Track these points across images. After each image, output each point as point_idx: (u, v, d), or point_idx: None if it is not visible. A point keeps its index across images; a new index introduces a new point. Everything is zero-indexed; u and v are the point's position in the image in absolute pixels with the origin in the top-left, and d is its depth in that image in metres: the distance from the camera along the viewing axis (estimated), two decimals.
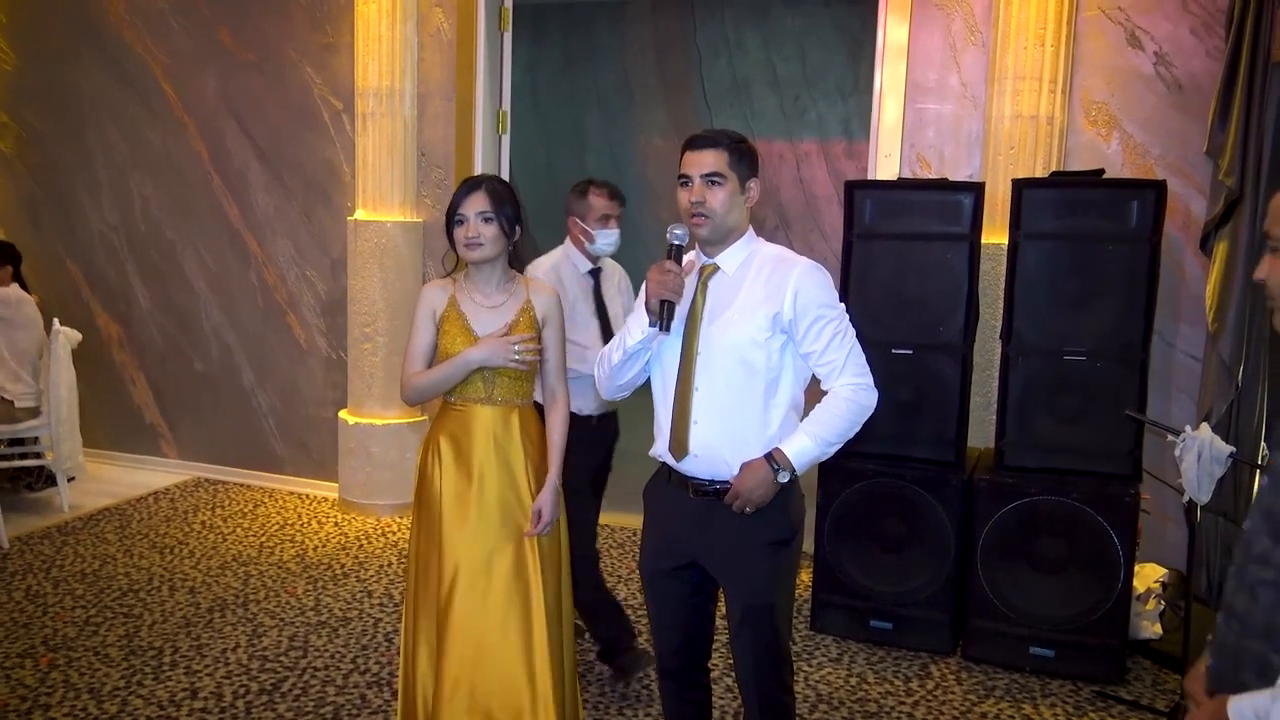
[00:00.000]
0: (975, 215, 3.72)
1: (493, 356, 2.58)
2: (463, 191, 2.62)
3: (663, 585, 2.47)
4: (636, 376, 2.44)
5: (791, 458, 2.24)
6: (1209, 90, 3.99)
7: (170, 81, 5.66)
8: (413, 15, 5.05)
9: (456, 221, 2.61)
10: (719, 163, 2.27)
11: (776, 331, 2.26)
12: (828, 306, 2.27)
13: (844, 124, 7.88)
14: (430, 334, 2.67)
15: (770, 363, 2.27)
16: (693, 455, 2.32)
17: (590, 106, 8.75)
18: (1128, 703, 3.45)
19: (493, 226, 2.59)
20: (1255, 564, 1.56)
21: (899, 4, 4.41)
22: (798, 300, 2.24)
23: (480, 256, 2.61)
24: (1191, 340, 4.16)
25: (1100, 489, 3.55)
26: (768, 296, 2.26)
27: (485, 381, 2.63)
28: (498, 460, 2.61)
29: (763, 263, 2.31)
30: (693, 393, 2.31)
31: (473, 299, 2.66)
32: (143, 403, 6.00)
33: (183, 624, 3.87)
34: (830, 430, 2.26)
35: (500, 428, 2.63)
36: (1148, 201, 3.54)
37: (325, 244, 5.46)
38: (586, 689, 3.43)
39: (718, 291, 2.32)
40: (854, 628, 3.89)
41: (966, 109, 4.38)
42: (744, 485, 2.25)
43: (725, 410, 2.28)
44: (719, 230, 2.30)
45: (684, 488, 2.37)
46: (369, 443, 5.17)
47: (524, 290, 2.70)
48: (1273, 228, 1.55)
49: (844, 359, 2.28)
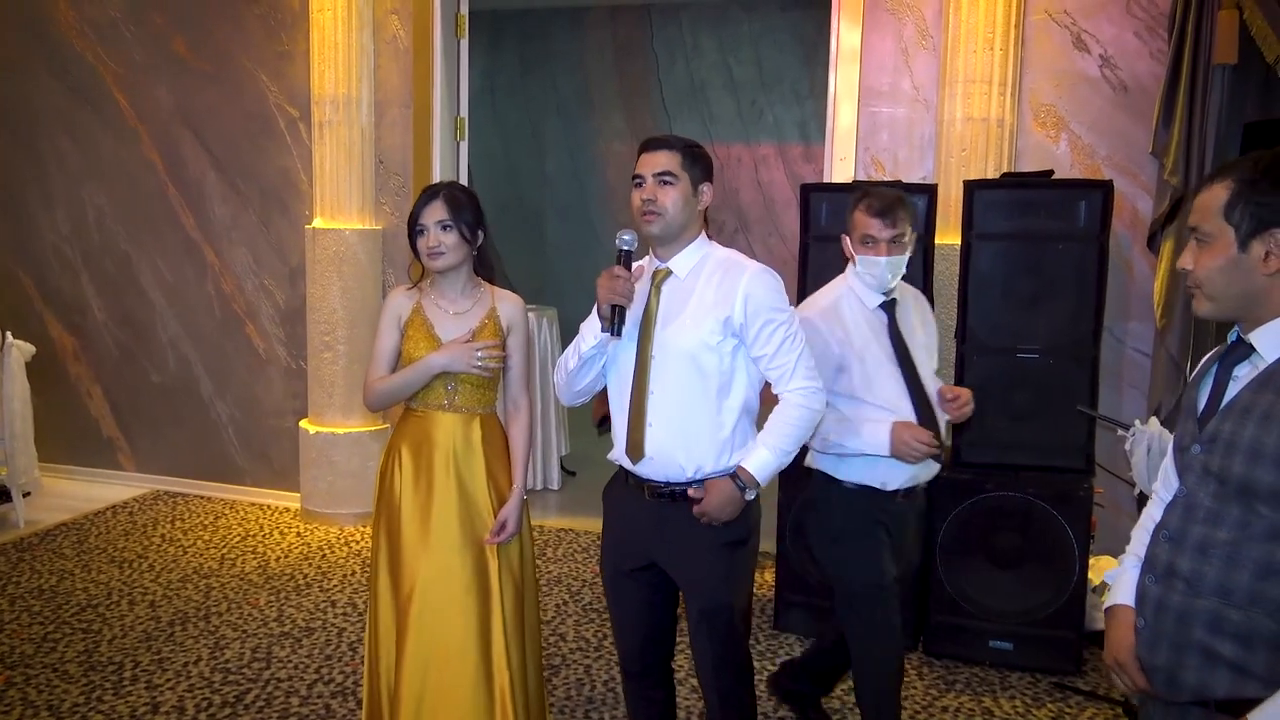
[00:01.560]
0: (929, 217, 3.78)
1: (455, 362, 2.59)
2: (422, 201, 2.62)
3: (623, 586, 2.49)
4: (594, 382, 2.46)
5: (755, 473, 2.28)
6: (1153, 92, 4.09)
7: (123, 91, 5.61)
8: (369, 23, 5.04)
9: (417, 231, 2.61)
10: (671, 163, 2.30)
11: (728, 335, 2.28)
12: (777, 310, 2.29)
13: (801, 127, 7.96)
14: (394, 339, 2.67)
15: (722, 366, 2.29)
16: (648, 458, 2.34)
17: (549, 112, 8.77)
18: (1085, 693, 3.51)
19: (452, 234, 2.59)
20: (1203, 525, 1.63)
21: (851, 9, 4.47)
22: (748, 304, 2.27)
23: (443, 265, 2.61)
24: (1141, 336, 4.25)
25: (1055, 484, 3.62)
26: (718, 300, 2.28)
27: (447, 388, 2.63)
28: (458, 468, 2.61)
29: (714, 267, 2.33)
30: (648, 396, 2.33)
31: (438, 305, 2.67)
32: (99, 415, 5.93)
33: (143, 638, 3.83)
34: (787, 439, 2.31)
35: (461, 435, 2.63)
36: (1095, 201, 3.61)
37: (283, 253, 5.43)
38: (552, 693, 3.44)
39: (670, 295, 2.34)
40: (816, 626, 3.92)
41: (919, 112, 4.44)
42: (711, 505, 2.28)
43: (679, 413, 2.31)
44: (669, 229, 2.32)
45: (641, 490, 2.39)
46: (331, 452, 5.15)
47: (490, 297, 2.70)
48: (1200, 222, 1.65)
49: (794, 363, 2.31)
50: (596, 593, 4.32)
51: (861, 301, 2.72)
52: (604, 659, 3.71)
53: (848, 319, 2.71)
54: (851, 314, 2.72)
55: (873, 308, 2.72)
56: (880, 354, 2.70)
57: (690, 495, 2.31)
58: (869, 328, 2.71)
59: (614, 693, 3.47)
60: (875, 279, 2.68)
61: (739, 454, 2.32)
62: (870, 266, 2.67)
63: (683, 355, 2.29)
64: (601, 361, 2.43)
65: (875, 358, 2.69)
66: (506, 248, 8.75)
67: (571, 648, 3.81)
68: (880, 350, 2.70)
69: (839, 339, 2.69)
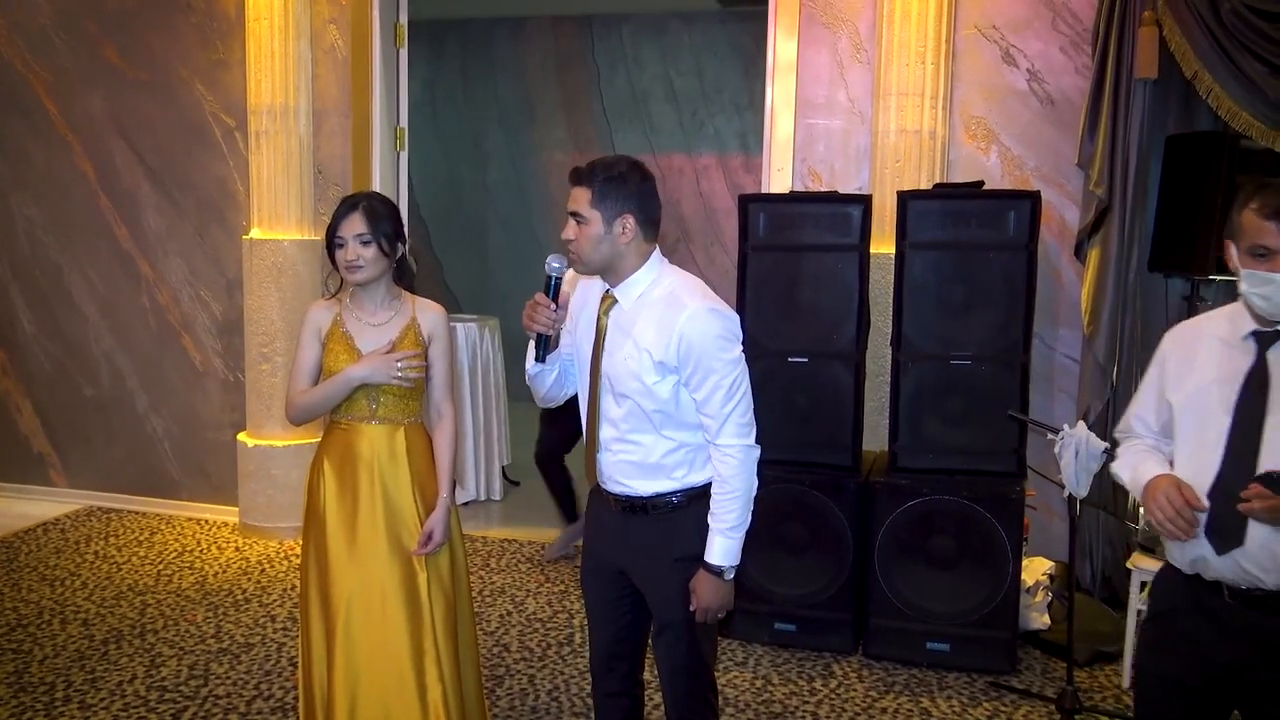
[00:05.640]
0: (864, 226, 3.85)
1: (375, 374, 2.58)
2: (340, 213, 2.60)
3: (595, 589, 2.51)
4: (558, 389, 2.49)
5: (720, 560, 2.27)
6: (1079, 105, 4.21)
7: (53, 99, 5.50)
8: (306, 32, 5.00)
9: (336, 244, 2.59)
10: (581, 202, 2.23)
11: (665, 375, 2.24)
12: (712, 358, 2.20)
13: (741, 138, 8.04)
14: (315, 352, 2.65)
15: (663, 403, 2.26)
16: (604, 480, 2.38)
17: (490, 122, 8.75)
18: (1019, 691, 3.59)
19: (371, 248, 2.57)
20: None
21: (788, 22, 4.54)
22: (681, 345, 2.20)
23: (361, 278, 2.60)
24: (1069, 343, 4.37)
25: (988, 487, 3.70)
26: (655, 338, 2.22)
27: (370, 400, 2.63)
28: (383, 480, 2.61)
29: (659, 300, 2.26)
30: (600, 421, 2.35)
31: (357, 317, 2.66)
32: (29, 431, 5.79)
33: (76, 657, 3.75)
34: (734, 514, 2.27)
35: (385, 447, 2.63)
36: (1024, 211, 3.71)
37: (220, 264, 5.36)
38: (496, 704, 3.44)
39: (616, 323, 2.30)
40: (759, 631, 3.96)
41: (854, 124, 4.52)
42: (704, 603, 2.29)
43: (626, 440, 2.31)
44: (590, 267, 2.28)
45: (607, 500, 2.42)
46: (270, 465, 5.08)
47: (410, 307, 2.70)
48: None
49: (723, 419, 2.23)
50: (540, 602, 4.32)
51: (1234, 329, 2.06)
52: (548, 669, 3.71)
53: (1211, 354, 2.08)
54: (1216, 348, 2.08)
55: (1242, 335, 2.04)
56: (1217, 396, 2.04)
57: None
58: (1222, 361, 2.05)
59: (558, 702, 3.47)
60: (1268, 302, 1.96)
61: (699, 473, 2.32)
62: (1260, 285, 1.96)
63: (625, 385, 2.27)
64: (554, 375, 2.45)
65: (1208, 399, 2.05)
66: (448, 257, 8.72)
67: (515, 658, 3.80)
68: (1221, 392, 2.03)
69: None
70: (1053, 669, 3.76)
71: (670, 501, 2.33)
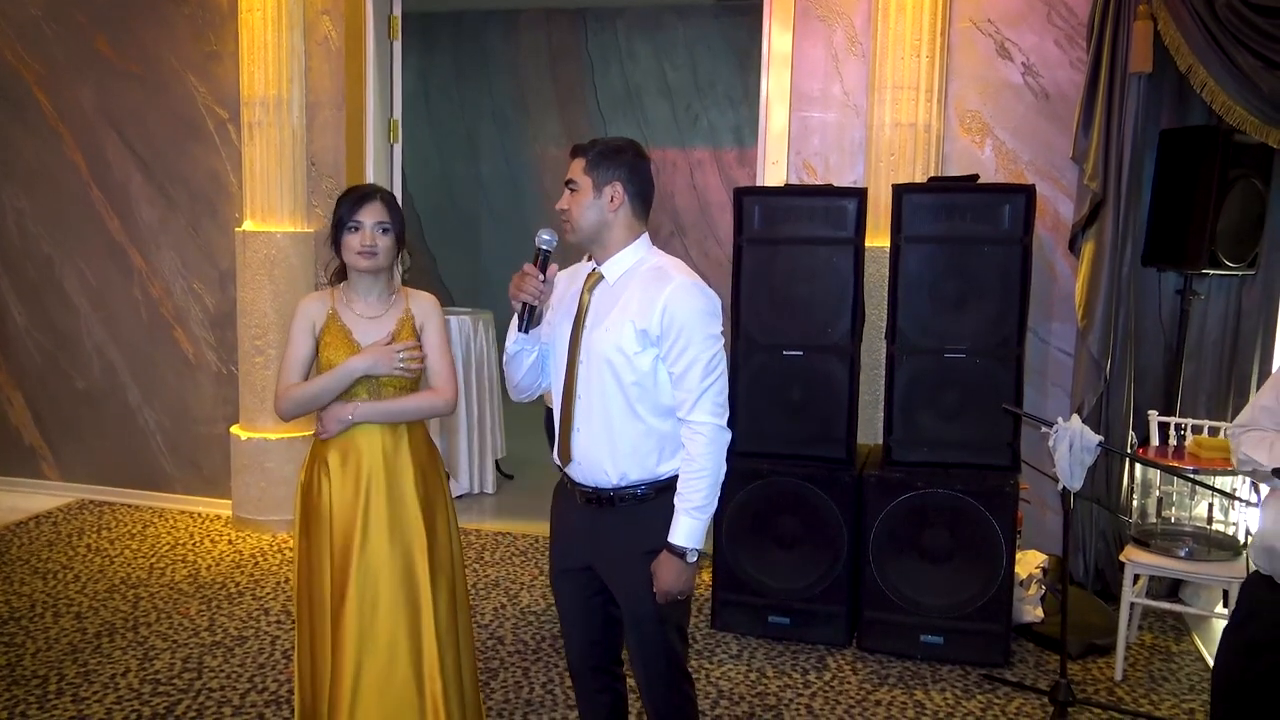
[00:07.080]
0: (859, 220, 3.85)
1: (377, 365, 2.58)
2: (356, 199, 2.60)
3: (566, 585, 2.50)
4: (532, 378, 2.48)
5: (684, 541, 2.25)
6: (1073, 99, 4.21)
7: (44, 91, 5.47)
8: (299, 24, 4.98)
9: (350, 228, 2.58)
10: (575, 170, 2.31)
11: (646, 346, 2.26)
12: (694, 330, 2.23)
13: (735, 132, 8.04)
14: (308, 346, 2.64)
15: (642, 375, 2.27)
16: (576, 462, 2.36)
17: (484, 115, 8.74)
18: (1012, 684, 3.60)
19: (389, 237, 2.60)
20: None
21: (783, 16, 4.53)
22: (664, 316, 2.22)
23: (373, 266, 2.60)
24: (1063, 336, 4.37)
25: (982, 480, 3.71)
26: (640, 310, 2.25)
27: (370, 392, 2.62)
28: (386, 472, 2.60)
29: (645, 275, 2.30)
30: (575, 399, 2.34)
31: (353, 310, 2.65)
32: (20, 423, 5.77)
33: (69, 650, 3.74)
34: (700, 494, 2.25)
35: (388, 440, 2.62)
36: (1018, 205, 3.71)
37: (213, 256, 5.33)
38: (490, 697, 3.44)
39: (600, 299, 2.34)
40: (753, 624, 3.97)
41: (849, 117, 4.52)
42: (664, 584, 2.27)
43: (602, 419, 2.31)
44: (582, 234, 2.32)
45: (575, 493, 2.41)
46: (263, 458, 5.07)
47: (404, 299, 2.70)
48: None
49: (698, 394, 2.24)
50: (534, 596, 4.32)
51: None
52: (542, 661, 3.71)
53: None
54: None
55: None
56: None
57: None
58: None
59: (552, 695, 3.47)
60: None
61: (668, 463, 2.32)
62: None
63: (604, 361, 2.28)
64: (533, 357, 2.44)
65: None
66: (441, 251, 8.70)
67: (509, 651, 3.80)
68: None
69: None
70: (1046, 662, 3.77)
71: (636, 494, 2.33)
